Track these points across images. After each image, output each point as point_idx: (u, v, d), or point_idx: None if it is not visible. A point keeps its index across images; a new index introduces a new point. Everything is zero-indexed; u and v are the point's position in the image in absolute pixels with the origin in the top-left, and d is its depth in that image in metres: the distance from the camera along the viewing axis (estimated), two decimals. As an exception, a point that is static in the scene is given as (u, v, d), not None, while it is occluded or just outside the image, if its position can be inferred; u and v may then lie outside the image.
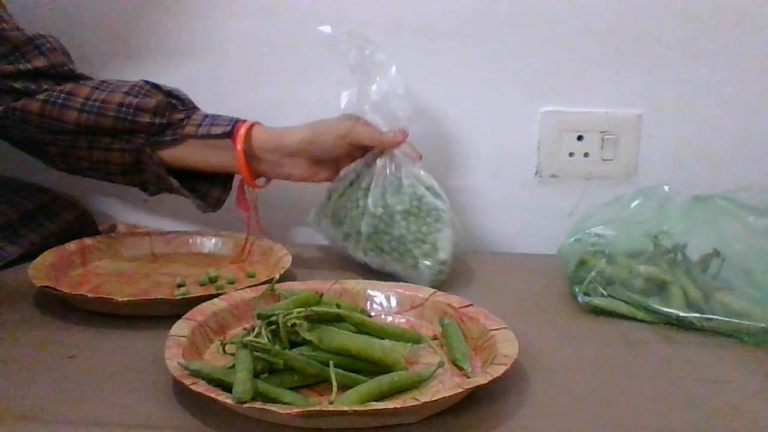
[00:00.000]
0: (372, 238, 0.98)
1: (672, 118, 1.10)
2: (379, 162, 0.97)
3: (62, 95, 0.98)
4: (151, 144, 0.98)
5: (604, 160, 1.11)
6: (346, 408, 0.61)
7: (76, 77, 1.02)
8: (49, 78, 0.99)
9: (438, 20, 1.10)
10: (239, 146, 0.96)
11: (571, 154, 1.12)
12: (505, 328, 0.77)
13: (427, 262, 0.95)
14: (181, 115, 0.99)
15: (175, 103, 1.00)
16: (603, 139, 1.11)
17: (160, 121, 0.98)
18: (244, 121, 0.99)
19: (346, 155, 0.99)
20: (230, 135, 0.97)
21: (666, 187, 0.96)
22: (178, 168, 1.00)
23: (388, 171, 0.97)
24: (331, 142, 0.97)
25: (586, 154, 1.12)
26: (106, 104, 0.98)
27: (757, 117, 1.09)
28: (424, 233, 0.96)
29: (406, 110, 0.95)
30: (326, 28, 0.94)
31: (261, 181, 1.03)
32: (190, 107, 1.01)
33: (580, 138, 1.11)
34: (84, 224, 1.10)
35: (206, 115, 1.00)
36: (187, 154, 0.99)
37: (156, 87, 1.01)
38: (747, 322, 0.83)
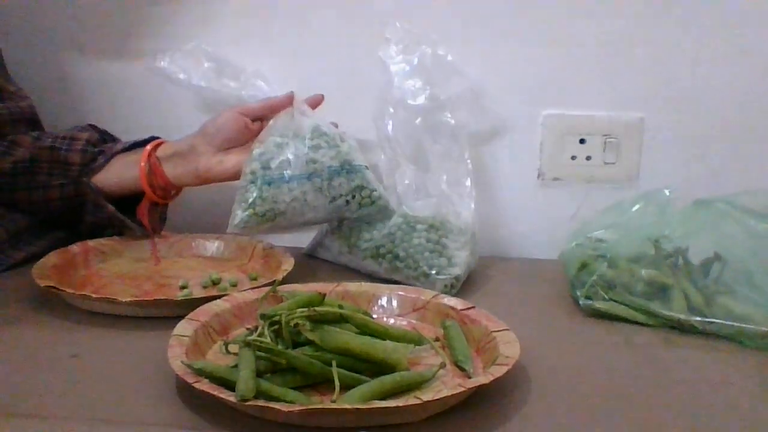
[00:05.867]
0: (387, 245, 0.99)
1: (674, 122, 1.10)
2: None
3: (4, 143, 1.01)
4: (86, 173, 1.00)
5: (607, 163, 1.12)
6: (348, 406, 0.62)
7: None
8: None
9: (438, 22, 1.10)
10: (143, 162, 1.00)
11: (573, 158, 1.12)
12: (507, 329, 0.77)
13: (441, 275, 0.96)
14: (111, 144, 1.04)
15: (107, 138, 1.06)
16: (605, 143, 1.11)
17: (92, 150, 1.02)
18: (160, 139, 1.03)
19: (245, 130, 1.01)
20: (143, 144, 1.02)
21: (667, 191, 0.96)
22: (109, 195, 1.01)
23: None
24: (230, 120, 1.00)
25: (588, 158, 1.12)
26: (41, 140, 1.02)
27: (758, 120, 1.09)
28: (443, 246, 0.97)
29: None
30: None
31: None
32: (119, 140, 1.06)
33: (582, 141, 1.11)
34: (92, 231, 1.11)
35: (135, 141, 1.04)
36: (112, 175, 1.01)
37: (92, 126, 1.06)
38: (748, 326, 0.83)
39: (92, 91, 1.18)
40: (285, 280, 0.91)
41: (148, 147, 1.01)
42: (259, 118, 1.02)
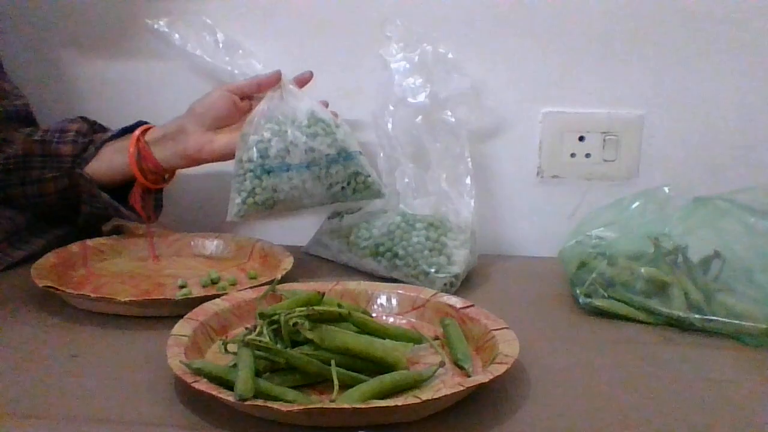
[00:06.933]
0: (386, 243, 0.99)
1: (674, 119, 1.10)
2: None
3: None
4: (79, 163, 1.00)
5: (606, 160, 1.12)
6: (347, 405, 0.62)
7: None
8: None
9: (439, 20, 1.10)
10: (131, 147, 0.99)
11: (572, 155, 1.12)
12: (506, 328, 0.77)
13: (440, 274, 0.96)
14: (101, 133, 1.04)
15: (97, 128, 1.06)
16: (605, 140, 1.11)
17: (82, 140, 1.02)
18: (148, 124, 1.03)
19: (234, 109, 1.00)
20: (132, 130, 1.01)
21: (666, 189, 0.96)
22: (102, 183, 1.01)
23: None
24: (219, 98, 0.99)
25: (587, 155, 1.12)
26: (32, 135, 1.02)
27: (758, 118, 1.09)
28: (443, 244, 0.97)
29: None
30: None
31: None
32: (109, 130, 1.05)
33: (581, 139, 1.11)
34: (88, 223, 1.11)
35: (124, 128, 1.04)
36: (103, 163, 1.00)
37: (82, 117, 1.06)
38: (748, 323, 0.83)
39: (91, 90, 1.17)
40: (284, 279, 0.91)
41: (137, 132, 1.00)
42: (247, 96, 1.01)
